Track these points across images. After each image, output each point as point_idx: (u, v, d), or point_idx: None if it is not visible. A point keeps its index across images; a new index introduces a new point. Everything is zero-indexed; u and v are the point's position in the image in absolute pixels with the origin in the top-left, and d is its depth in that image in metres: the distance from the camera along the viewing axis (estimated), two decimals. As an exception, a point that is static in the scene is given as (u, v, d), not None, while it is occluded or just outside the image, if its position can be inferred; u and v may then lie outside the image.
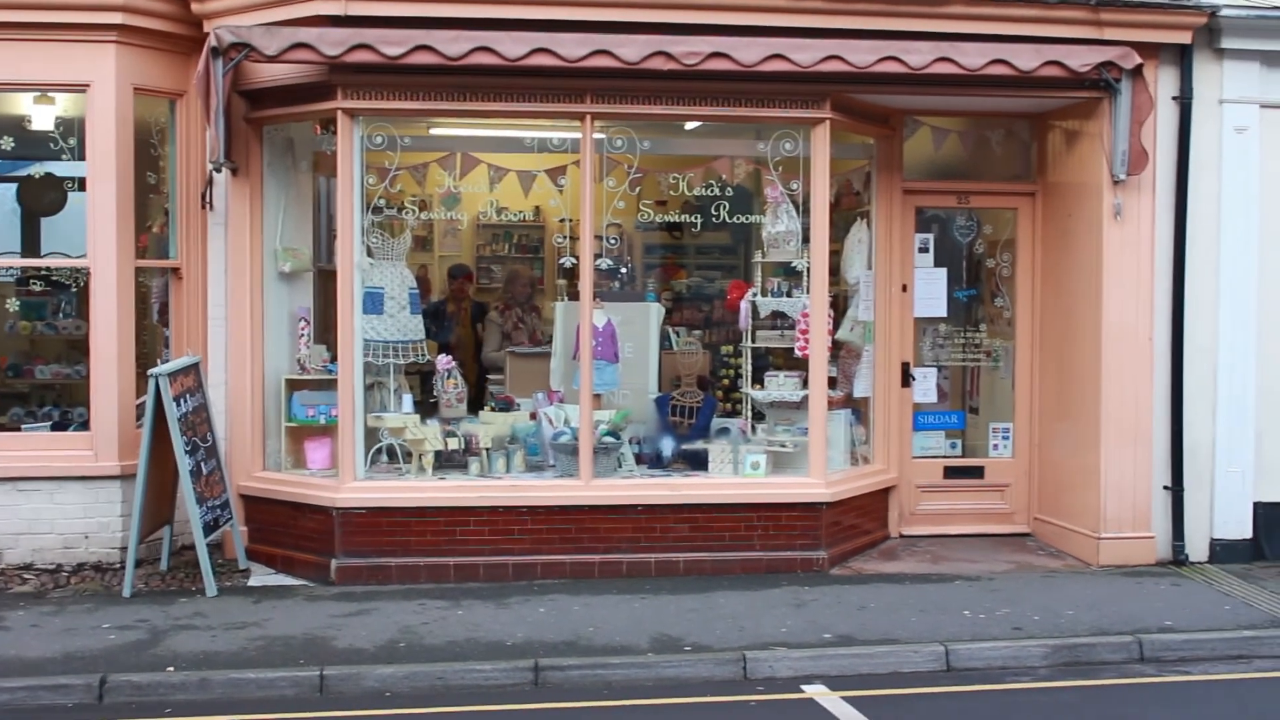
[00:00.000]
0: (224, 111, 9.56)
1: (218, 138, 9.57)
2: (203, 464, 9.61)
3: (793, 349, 10.56)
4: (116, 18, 9.81)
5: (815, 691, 7.77)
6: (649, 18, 9.65)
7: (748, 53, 9.49)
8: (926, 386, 11.33)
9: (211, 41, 9.34)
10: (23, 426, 10.61)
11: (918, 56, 9.63)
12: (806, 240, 10.37)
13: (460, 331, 12.62)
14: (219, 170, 10.03)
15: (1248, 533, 10.67)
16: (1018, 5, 9.99)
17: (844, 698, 7.62)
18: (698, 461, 10.54)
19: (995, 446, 11.43)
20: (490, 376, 12.01)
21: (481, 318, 12.77)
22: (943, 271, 11.26)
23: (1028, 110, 11.06)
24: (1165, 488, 10.54)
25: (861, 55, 9.57)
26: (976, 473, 11.39)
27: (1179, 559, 10.50)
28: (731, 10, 9.77)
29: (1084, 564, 10.47)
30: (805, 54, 9.53)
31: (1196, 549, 10.60)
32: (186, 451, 9.34)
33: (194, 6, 9.98)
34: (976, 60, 9.68)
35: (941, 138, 11.30)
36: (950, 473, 11.34)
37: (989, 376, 11.71)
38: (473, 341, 12.66)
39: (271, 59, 9.36)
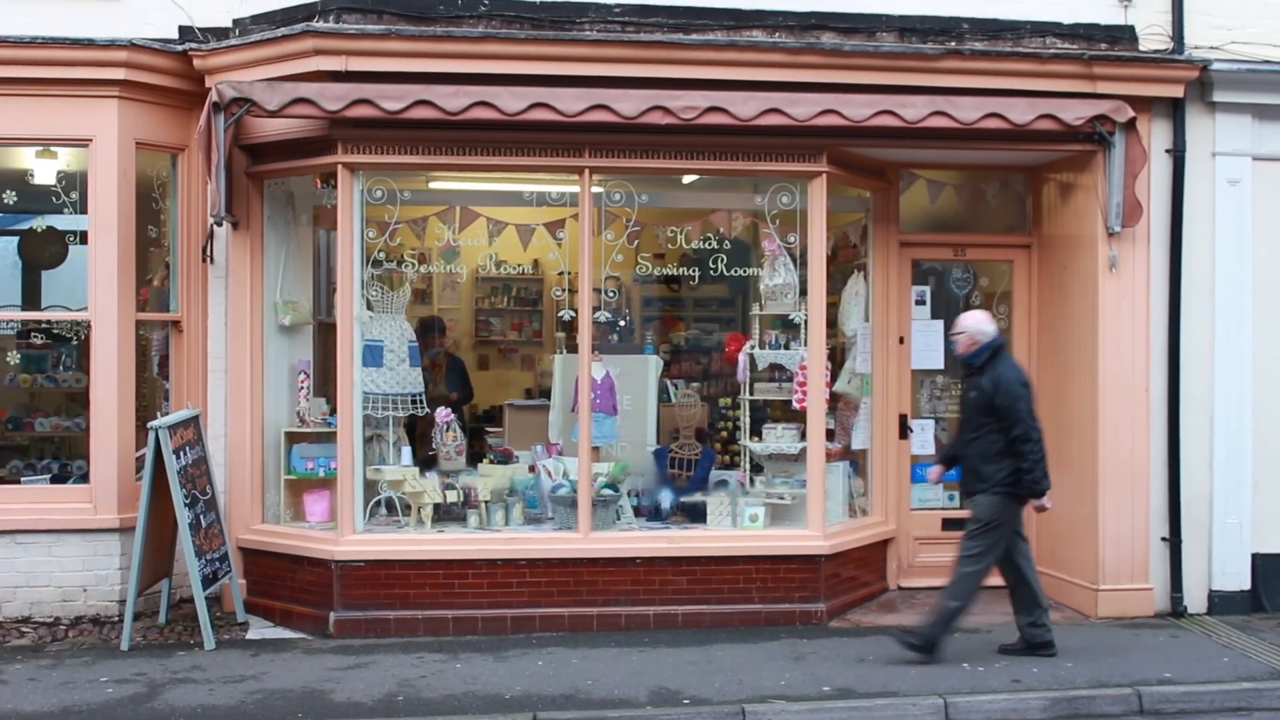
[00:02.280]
0: (225, 166, 9.64)
1: (219, 192, 9.64)
2: (202, 516, 9.60)
3: (791, 401, 10.56)
4: (119, 73, 9.90)
5: (814, 744, 7.75)
6: (646, 73, 9.73)
7: (744, 107, 9.57)
8: (924, 438, 11.33)
9: (213, 96, 9.43)
10: (22, 479, 10.61)
11: (913, 110, 9.71)
12: (804, 293, 10.40)
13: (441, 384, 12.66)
14: (220, 224, 10.08)
15: (1246, 584, 10.65)
16: (1011, 60, 10.08)
17: (843, 750, 7.60)
18: (696, 514, 10.53)
19: (993, 498, 11.38)
20: (489, 429, 12.02)
21: (460, 371, 12.78)
22: (940, 323, 11.27)
23: (1023, 163, 11.13)
24: (1163, 539, 10.52)
25: (857, 109, 9.65)
26: (974, 524, 11.34)
27: (1177, 611, 10.48)
28: (728, 66, 9.86)
29: (1083, 616, 10.45)
30: (801, 108, 9.61)
31: (1195, 600, 10.57)
32: (186, 504, 9.33)
33: (196, 62, 10.07)
34: (971, 114, 9.76)
35: (937, 190, 11.35)
36: (949, 524, 11.26)
37: (986, 428, 11.68)
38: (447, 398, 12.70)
39: (273, 114, 9.43)
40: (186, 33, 10.15)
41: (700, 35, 9.90)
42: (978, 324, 9.18)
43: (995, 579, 11.07)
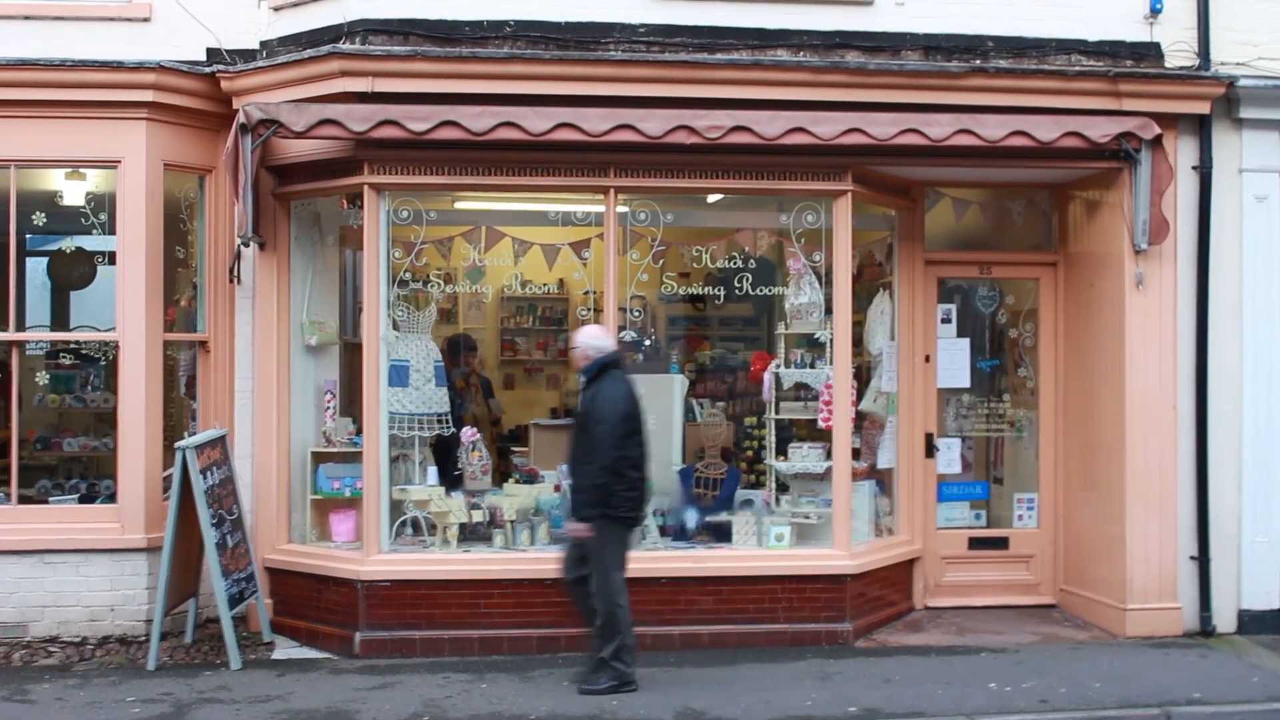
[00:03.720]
0: (252, 186, 9.67)
1: (246, 212, 9.68)
2: (229, 536, 9.61)
3: (816, 420, 10.53)
4: (148, 95, 9.95)
5: (841, 765, 7.71)
6: (671, 93, 9.74)
7: (769, 126, 9.57)
8: (950, 457, 11.28)
9: (241, 118, 9.47)
10: (50, 499, 10.64)
11: (938, 129, 9.70)
12: (829, 311, 10.38)
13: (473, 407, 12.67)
14: (247, 244, 10.12)
15: (1275, 603, 10.55)
16: (1037, 78, 10.06)
17: (870, 771, 7.56)
18: (722, 533, 10.51)
19: (1020, 517, 11.36)
20: (515, 449, 12.01)
21: (489, 391, 12.80)
22: (965, 342, 11.25)
23: (1048, 181, 11.09)
24: (1191, 558, 10.44)
25: (882, 128, 9.65)
26: (1001, 544, 11.30)
27: (1206, 630, 10.38)
28: (753, 85, 9.87)
29: (1110, 635, 10.37)
30: (826, 127, 9.61)
31: (1224, 620, 10.48)
32: (213, 524, 9.35)
33: (223, 84, 10.12)
34: (997, 132, 9.74)
35: (963, 209, 11.32)
36: (975, 544, 11.25)
37: (1013, 447, 11.66)
38: (486, 415, 12.70)
39: (299, 135, 9.47)
40: (214, 55, 10.21)
41: (725, 55, 9.90)
42: (590, 338, 8.87)
43: (1024, 600, 11.07)
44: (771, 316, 12.46)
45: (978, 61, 10.13)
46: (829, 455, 10.39)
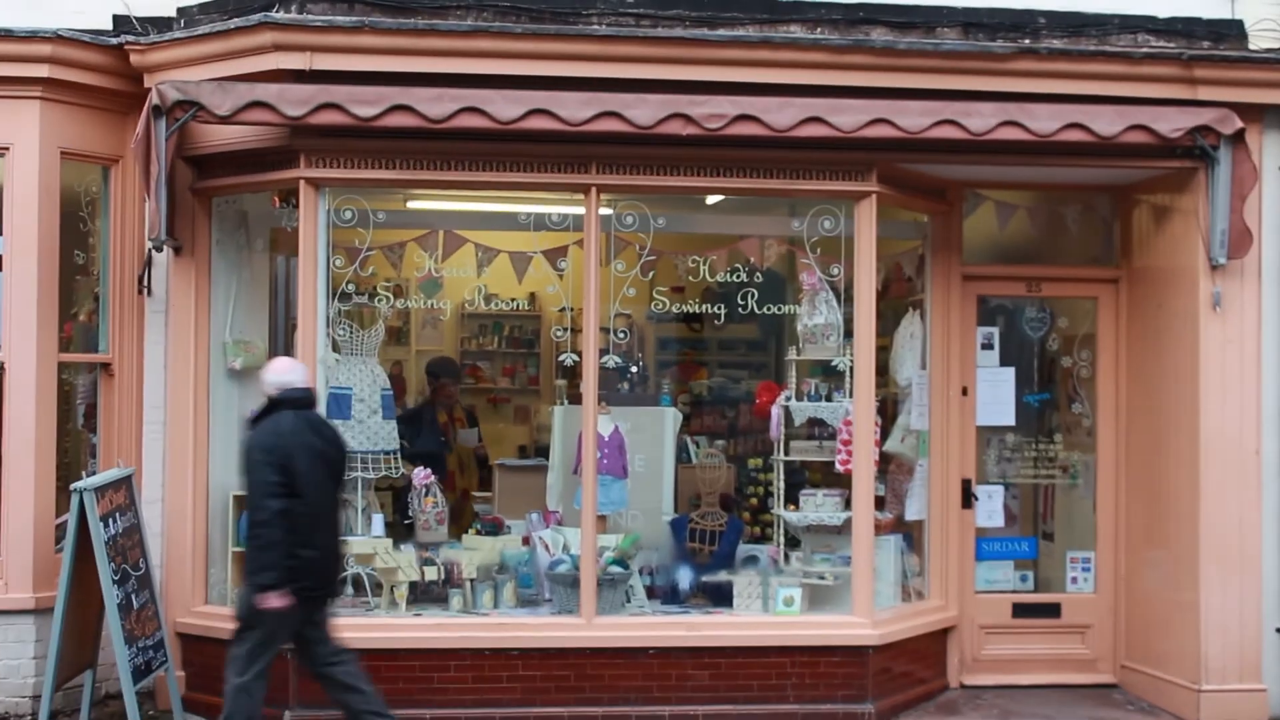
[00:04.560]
0: (167, 180, 9.59)
1: (159, 211, 9.59)
2: (133, 596, 9.48)
3: (833, 463, 10.47)
4: (42, 70, 9.86)
5: None
6: (664, 74, 9.69)
7: (780, 115, 9.52)
8: (991, 508, 11.23)
9: (153, 99, 9.38)
10: (-79, 551, 10.52)
11: (979, 120, 9.65)
12: (849, 334, 10.33)
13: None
14: (159, 249, 10.03)
15: (1379, 685, 10.51)
16: (1096, 60, 10.03)
17: None
18: (721, 596, 10.45)
19: (1074, 579, 11.30)
20: (477, 494, 11.94)
21: (475, 425, 12.74)
22: (1010, 372, 11.22)
23: (1109, 182, 11.07)
24: (1278, 630, 10.38)
25: (913, 119, 9.60)
26: (1052, 611, 11.24)
27: (1297, 716, 10.35)
28: (761, 67, 9.83)
29: (1182, 721, 10.33)
30: (847, 117, 9.56)
31: (1319, 704, 10.45)
32: (115, 581, 9.21)
33: (133, 58, 10.04)
34: (1049, 124, 9.69)
35: (1007, 214, 11.29)
36: (1020, 610, 11.19)
37: (1066, 496, 11.61)
38: (471, 454, 12.62)
39: (224, 120, 9.38)
40: (122, 23, 10.14)
41: (728, 31, 9.86)
42: (270, 372, 8.66)
43: (1079, 678, 11.01)
44: (781, 340, 12.45)
45: (1026, 41, 10.11)
46: (848, 504, 10.33)
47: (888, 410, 11.02)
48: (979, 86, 9.94)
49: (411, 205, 11.05)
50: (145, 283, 10.37)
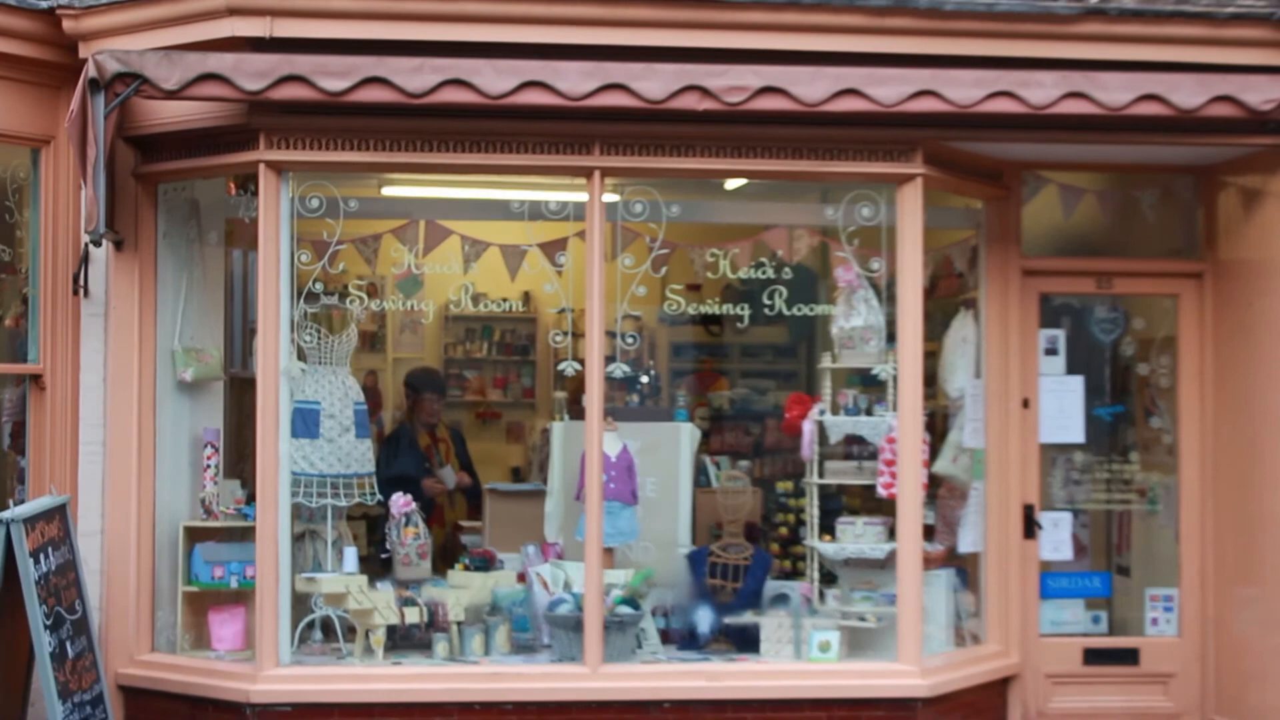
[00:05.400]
0: (106, 164, 9.55)
1: (97, 199, 9.57)
2: (68, 643, 9.54)
3: (874, 486, 10.52)
4: (-41, 38, 9.95)
5: None
6: (676, 41, 9.73)
7: (811, 88, 9.54)
8: (1058, 538, 11.25)
9: (90, 71, 9.36)
10: None
11: (1040, 91, 9.67)
12: (892, 339, 10.40)
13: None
14: (98, 243, 10.04)
15: None
16: (1174, 22, 10.04)
17: None
18: (746, 640, 10.50)
19: (1154, 621, 11.33)
20: (463, 524, 11.99)
21: (463, 447, 12.75)
22: (1078, 381, 11.25)
23: (1190, 162, 11.11)
24: (1391, 679, 10.46)
25: (964, 90, 9.62)
26: (1128, 657, 11.26)
27: None
28: (788, 32, 9.84)
29: (1280, 785, 10.38)
30: (888, 89, 9.58)
31: None
32: (47, 626, 9.26)
33: (66, 24, 10.01)
34: (1120, 96, 9.71)
35: (1074, 199, 11.34)
36: (1092, 656, 11.21)
37: (1144, 524, 11.66)
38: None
39: (171, 95, 9.39)
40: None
41: (750, -10, 9.91)
42: None
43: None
44: (813, 345, 12.51)
45: (1094, 0, 10.14)
46: (892, 534, 10.38)
47: (937, 426, 11.09)
48: (1039, 53, 9.97)
49: (387, 192, 11.14)
50: (82, 282, 10.39)
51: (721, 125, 9.90)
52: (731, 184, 11.04)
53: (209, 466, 10.57)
